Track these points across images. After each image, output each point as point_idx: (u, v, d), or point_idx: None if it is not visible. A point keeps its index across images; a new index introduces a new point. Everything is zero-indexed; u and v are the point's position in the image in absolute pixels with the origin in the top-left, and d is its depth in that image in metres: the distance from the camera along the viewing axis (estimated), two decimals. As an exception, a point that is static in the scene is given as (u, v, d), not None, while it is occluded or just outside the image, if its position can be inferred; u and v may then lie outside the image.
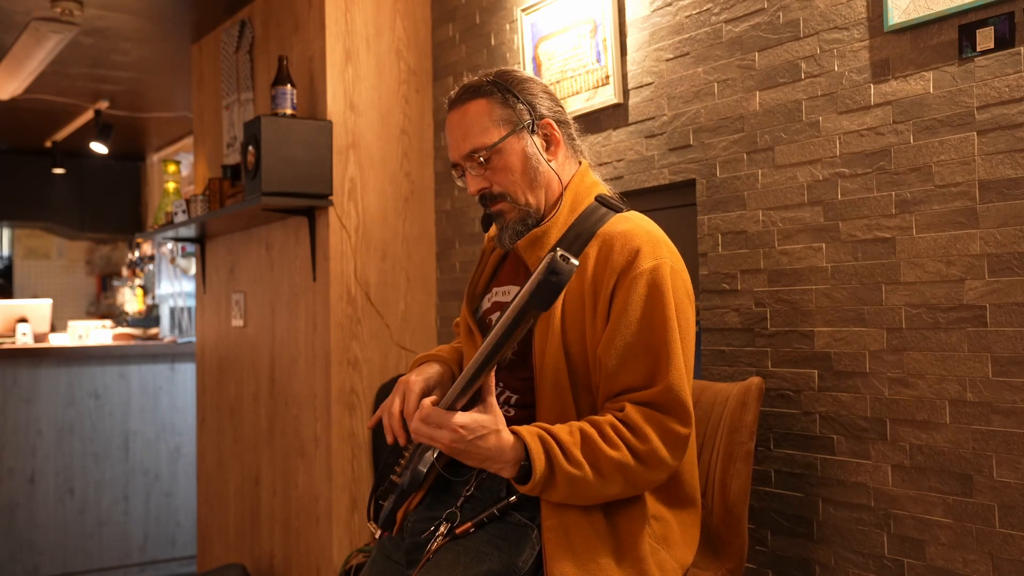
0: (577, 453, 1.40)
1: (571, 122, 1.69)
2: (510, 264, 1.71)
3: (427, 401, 1.40)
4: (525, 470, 1.40)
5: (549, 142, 1.63)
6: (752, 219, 2.03)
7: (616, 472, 1.41)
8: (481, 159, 1.58)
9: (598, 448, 1.41)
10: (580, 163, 1.69)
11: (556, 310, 1.52)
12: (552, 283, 1.16)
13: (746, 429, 1.79)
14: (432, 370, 1.69)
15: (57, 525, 4.33)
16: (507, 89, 1.60)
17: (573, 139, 1.68)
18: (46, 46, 3.88)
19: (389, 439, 1.59)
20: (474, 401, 1.39)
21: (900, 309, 1.76)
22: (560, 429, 1.42)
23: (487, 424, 1.37)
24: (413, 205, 3.14)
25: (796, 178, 1.94)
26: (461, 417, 1.36)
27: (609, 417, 1.44)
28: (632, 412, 1.44)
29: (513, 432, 1.40)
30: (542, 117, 1.62)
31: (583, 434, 1.42)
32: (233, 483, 3.60)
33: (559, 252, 1.16)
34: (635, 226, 1.54)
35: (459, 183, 1.67)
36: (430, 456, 1.49)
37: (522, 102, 1.60)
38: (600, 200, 1.63)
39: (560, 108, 1.67)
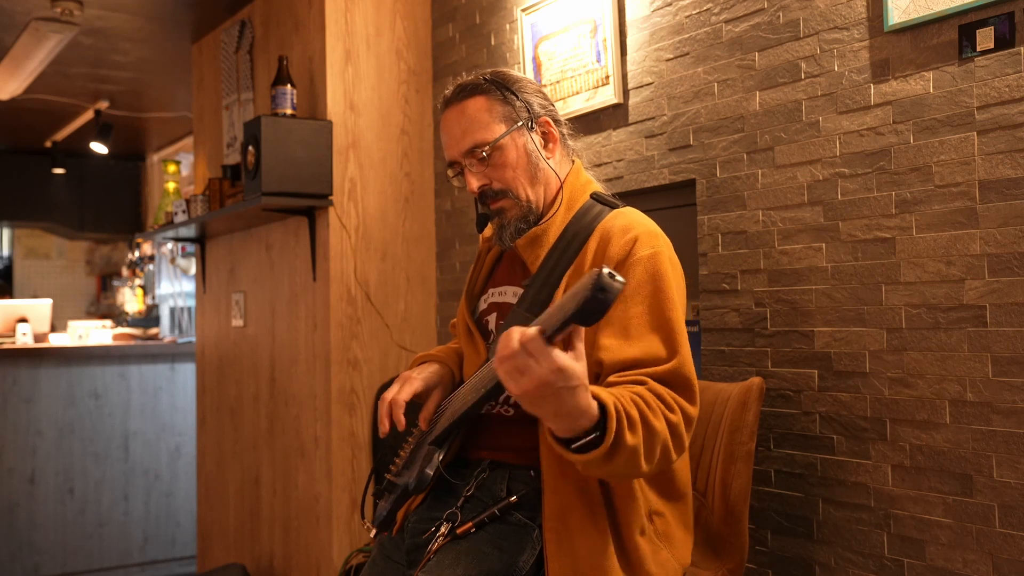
0: (639, 427, 1.31)
1: (564, 121, 1.70)
2: (506, 264, 1.71)
3: (535, 329, 1.19)
4: (591, 441, 1.29)
5: (547, 140, 1.64)
6: (752, 219, 2.03)
7: (658, 447, 1.35)
8: (483, 154, 1.58)
9: (649, 421, 1.33)
10: (573, 162, 1.69)
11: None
12: (600, 300, 1.13)
13: (747, 429, 1.79)
14: (431, 369, 1.69)
15: (57, 525, 4.33)
16: (505, 87, 1.61)
17: (566, 138, 1.69)
18: (46, 46, 3.88)
19: (383, 428, 1.56)
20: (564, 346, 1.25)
21: (900, 309, 1.76)
22: (625, 400, 1.32)
23: (579, 376, 1.20)
24: (413, 205, 3.14)
25: (796, 178, 1.94)
26: (562, 359, 1.18)
27: (641, 388, 1.37)
28: (656, 386, 1.39)
29: (594, 396, 1.27)
30: (539, 115, 1.62)
31: (637, 406, 1.33)
32: (233, 483, 3.60)
33: (606, 269, 1.13)
34: (632, 220, 1.55)
35: (455, 182, 1.66)
36: (439, 458, 1.48)
37: (520, 100, 1.61)
38: (595, 198, 1.64)
39: (553, 108, 1.68)
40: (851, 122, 1.84)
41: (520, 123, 1.60)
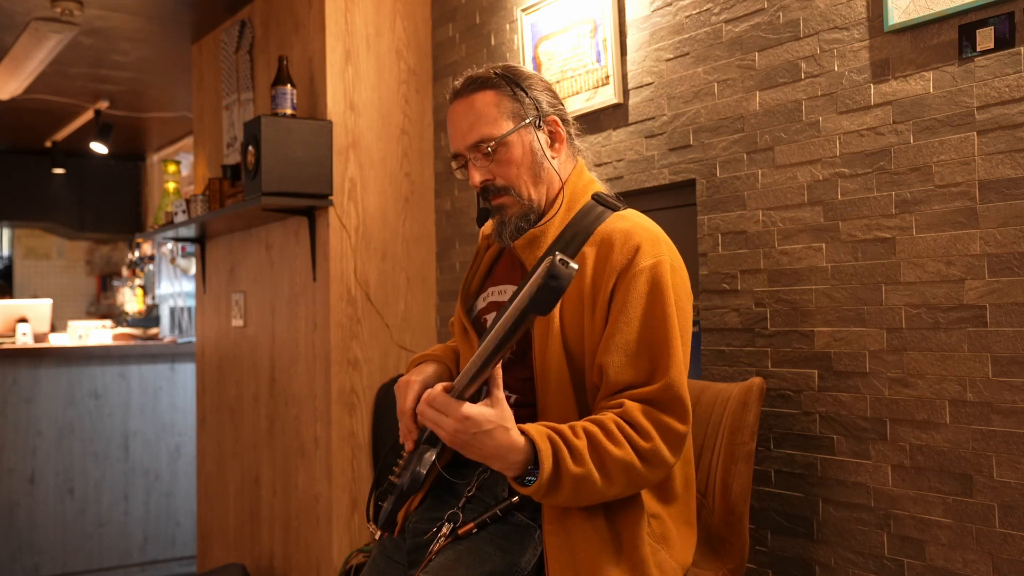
0: (585, 456, 1.37)
1: (571, 121, 1.69)
2: (505, 262, 1.70)
3: (439, 386, 1.37)
4: (530, 473, 1.37)
5: (553, 139, 1.63)
6: (752, 219, 2.03)
7: (620, 472, 1.40)
8: (488, 149, 1.57)
9: (603, 448, 1.38)
10: (577, 161, 1.69)
11: (555, 310, 1.52)
12: (552, 287, 1.15)
13: (747, 429, 1.79)
14: (430, 370, 1.69)
15: (57, 525, 4.33)
16: (515, 83, 1.60)
17: (572, 138, 1.68)
18: (46, 46, 3.88)
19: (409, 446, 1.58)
20: (480, 395, 1.37)
21: (900, 309, 1.76)
22: (567, 430, 1.40)
23: (492, 419, 1.34)
24: (413, 205, 3.14)
25: (796, 178, 1.94)
26: (468, 408, 1.33)
27: (610, 415, 1.42)
28: (632, 410, 1.42)
29: (523, 432, 1.37)
30: (547, 114, 1.62)
31: (588, 435, 1.39)
32: (233, 483, 3.60)
33: (558, 256, 1.15)
34: (634, 224, 1.54)
35: (459, 175, 1.66)
36: (430, 457, 1.48)
37: (529, 97, 1.60)
38: (597, 198, 1.63)
39: (562, 106, 1.67)
40: (851, 122, 1.84)
41: (528, 120, 1.59)
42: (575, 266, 1.15)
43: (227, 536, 3.65)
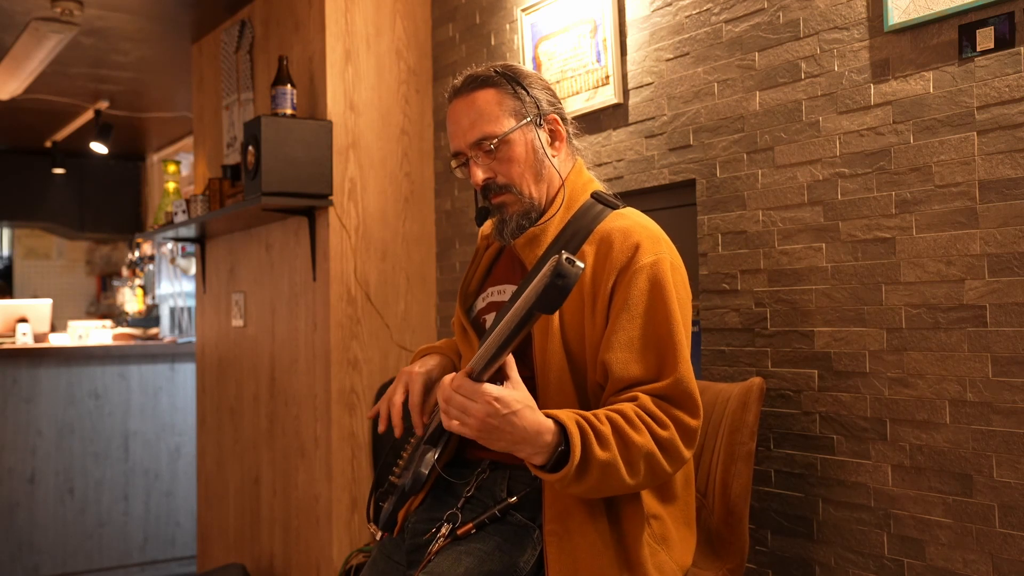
0: (611, 441, 1.34)
1: (570, 120, 1.69)
2: (505, 262, 1.70)
3: (460, 373, 1.30)
4: (561, 456, 1.33)
5: (553, 138, 1.63)
6: (752, 219, 2.03)
7: (641, 460, 1.37)
8: (490, 147, 1.57)
9: (627, 435, 1.36)
10: (575, 160, 1.69)
11: None
12: (558, 286, 1.14)
13: (747, 429, 1.79)
14: (433, 362, 1.69)
15: (57, 525, 4.33)
16: (515, 81, 1.60)
17: (571, 137, 1.68)
18: (46, 46, 3.88)
19: (382, 427, 1.57)
20: (495, 381, 1.32)
21: (900, 309, 1.76)
22: (591, 415, 1.36)
23: (520, 399, 1.29)
24: (413, 205, 3.14)
25: (796, 178, 1.94)
26: (495, 389, 1.26)
27: (629, 405, 1.40)
28: (648, 401, 1.41)
29: (549, 415, 1.33)
30: (547, 112, 1.62)
31: (611, 422, 1.37)
32: (233, 483, 3.60)
33: (564, 255, 1.14)
34: (633, 223, 1.54)
35: (458, 173, 1.66)
36: (431, 457, 1.48)
37: (530, 95, 1.60)
38: (596, 197, 1.63)
39: (561, 106, 1.67)
40: (851, 122, 1.84)
41: (529, 119, 1.59)
42: (581, 265, 1.14)
43: (227, 536, 3.65)
